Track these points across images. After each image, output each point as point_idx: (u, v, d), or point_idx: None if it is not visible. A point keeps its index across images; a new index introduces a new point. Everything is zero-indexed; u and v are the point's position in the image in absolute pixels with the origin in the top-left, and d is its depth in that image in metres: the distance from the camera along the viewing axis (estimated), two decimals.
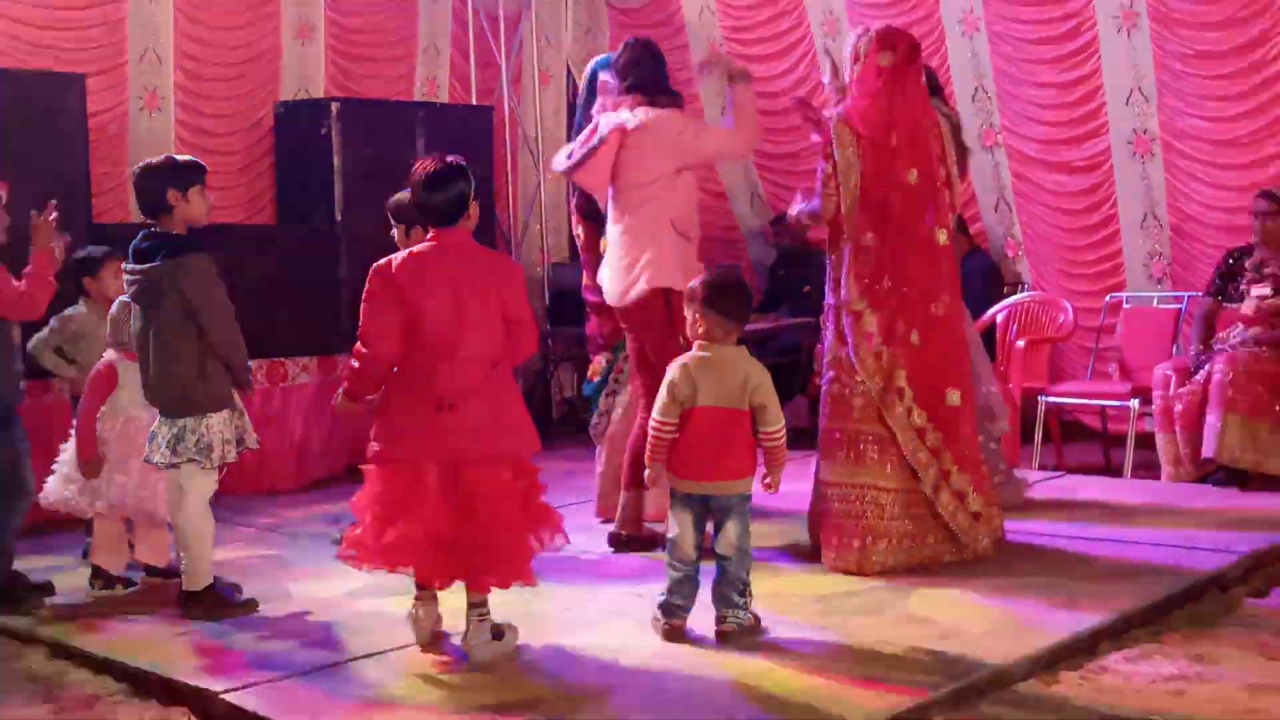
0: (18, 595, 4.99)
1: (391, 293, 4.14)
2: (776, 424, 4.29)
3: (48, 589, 5.07)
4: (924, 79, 5.30)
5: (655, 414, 4.31)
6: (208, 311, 4.65)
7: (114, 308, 5.08)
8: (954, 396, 5.10)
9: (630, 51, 5.57)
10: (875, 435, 5.06)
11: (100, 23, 7.68)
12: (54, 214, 4.91)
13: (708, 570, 4.33)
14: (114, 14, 7.72)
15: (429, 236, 4.27)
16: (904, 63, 5.13)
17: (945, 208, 5.17)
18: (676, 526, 4.31)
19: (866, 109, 5.12)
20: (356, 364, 4.22)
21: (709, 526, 4.35)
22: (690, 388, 4.25)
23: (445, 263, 4.17)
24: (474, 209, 4.28)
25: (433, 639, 4.31)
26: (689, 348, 4.39)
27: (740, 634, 4.24)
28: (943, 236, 5.15)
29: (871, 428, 5.06)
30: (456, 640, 4.25)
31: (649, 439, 4.35)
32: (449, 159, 4.25)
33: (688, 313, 4.36)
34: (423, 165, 4.25)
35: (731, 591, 4.28)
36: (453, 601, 4.28)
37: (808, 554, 5.26)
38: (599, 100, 5.66)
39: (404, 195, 4.94)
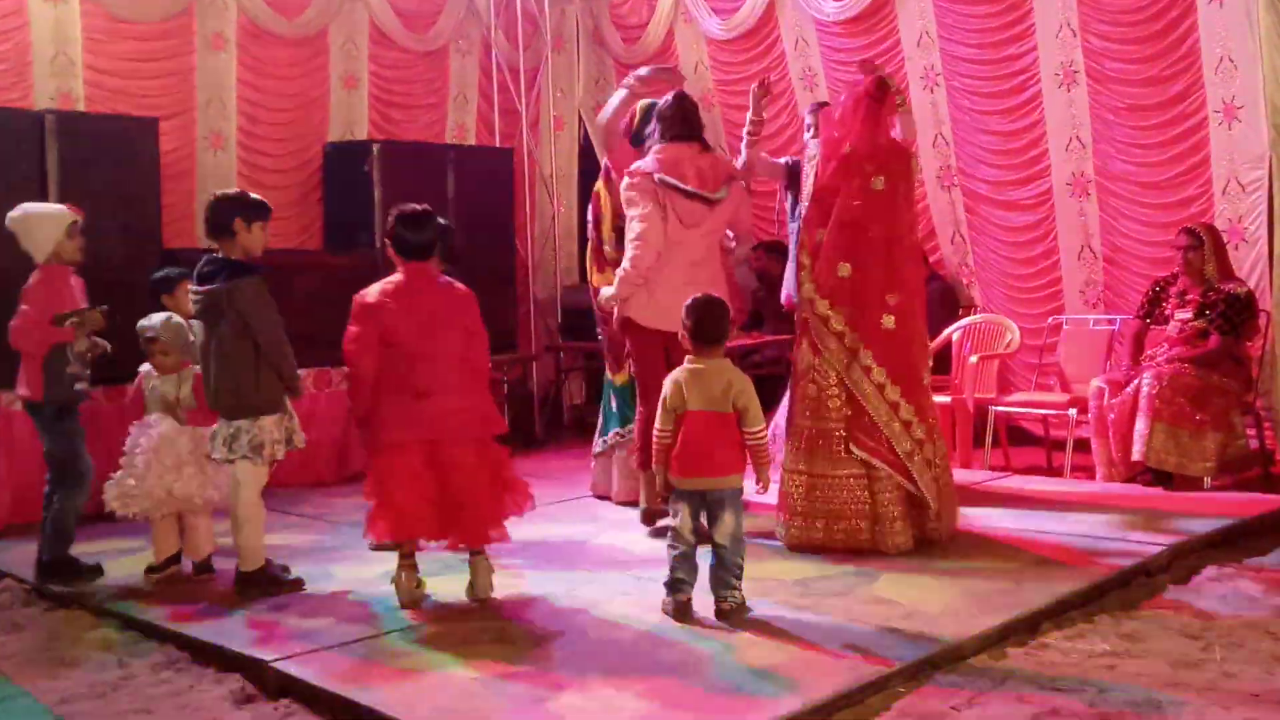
0: (70, 573, 4.96)
1: (371, 317, 4.43)
2: (756, 425, 4.28)
3: (97, 571, 5.02)
4: (891, 112, 5.27)
5: (655, 424, 4.33)
6: (259, 326, 4.63)
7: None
8: (926, 376, 5.18)
9: (684, 102, 5.56)
10: (840, 434, 5.07)
11: (172, 73, 7.68)
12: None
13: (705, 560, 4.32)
14: (184, 66, 7.73)
15: (400, 269, 4.51)
16: (868, 93, 5.19)
17: (914, 213, 5.28)
18: (677, 516, 4.30)
19: (828, 135, 5.28)
20: (349, 385, 4.55)
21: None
22: (680, 397, 4.27)
23: (417, 289, 4.46)
24: (437, 250, 4.57)
25: (413, 599, 4.46)
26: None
27: (735, 612, 4.21)
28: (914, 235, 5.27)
29: (837, 426, 5.07)
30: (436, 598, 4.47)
31: (653, 446, 4.37)
32: (422, 207, 4.54)
33: (679, 331, 4.39)
34: (403, 209, 4.52)
35: (729, 576, 4.25)
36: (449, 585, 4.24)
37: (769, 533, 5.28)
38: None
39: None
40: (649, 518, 5.51)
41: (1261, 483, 6.30)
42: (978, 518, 5.54)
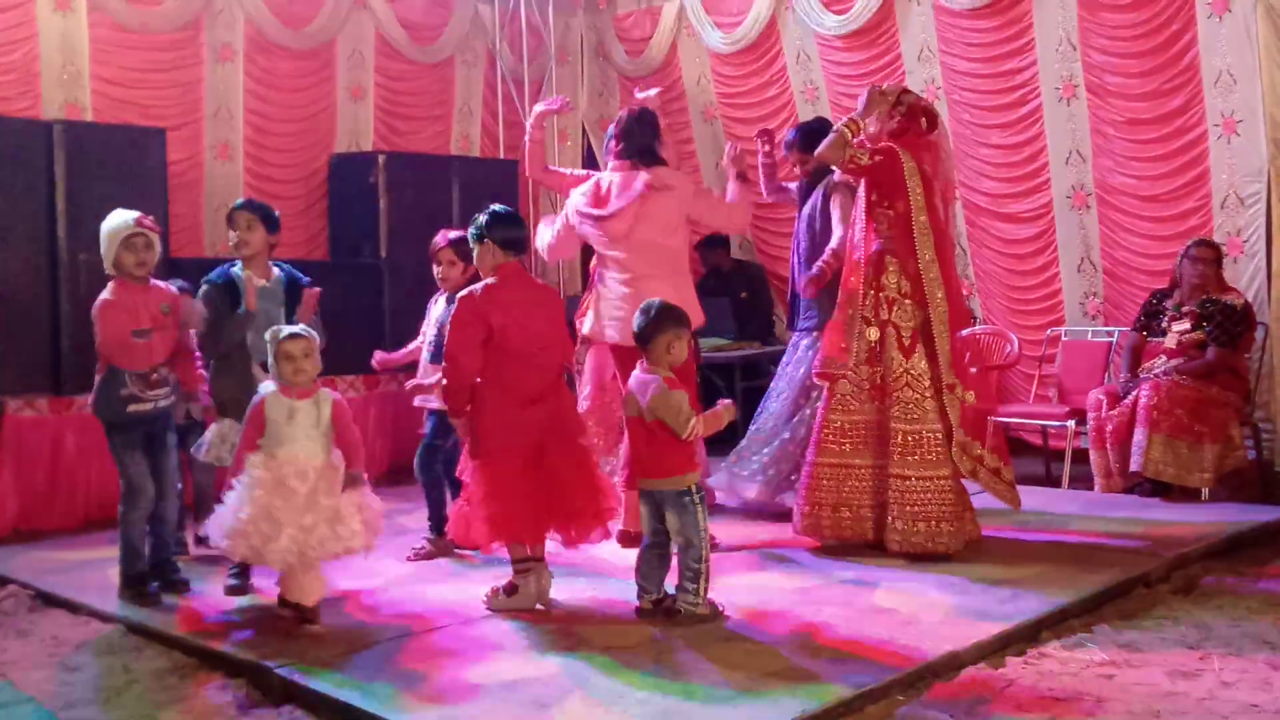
0: (138, 593, 4.75)
1: (478, 317, 4.36)
2: (679, 432, 4.24)
3: (183, 585, 4.89)
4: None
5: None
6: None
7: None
8: (970, 396, 5.21)
9: (625, 122, 5.45)
10: (865, 423, 5.15)
11: (180, 84, 7.70)
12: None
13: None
14: (192, 76, 7.75)
15: (495, 271, 4.44)
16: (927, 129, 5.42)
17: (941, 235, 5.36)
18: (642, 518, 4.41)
19: (921, 156, 5.36)
20: (447, 382, 4.41)
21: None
22: (632, 403, 4.37)
23: (520, 289, 4.46)
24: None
25: (544, 599, 4.49)
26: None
27: (689, 620, 4.22)
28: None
29: (864, 417, 5.16)
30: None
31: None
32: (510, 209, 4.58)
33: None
34: (495, 207, 4.51)
35: (684, 580, 4.29)
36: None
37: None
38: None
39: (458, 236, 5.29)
40: (625, 539, 5.35)
41: (1259, 494, 6.30)
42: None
